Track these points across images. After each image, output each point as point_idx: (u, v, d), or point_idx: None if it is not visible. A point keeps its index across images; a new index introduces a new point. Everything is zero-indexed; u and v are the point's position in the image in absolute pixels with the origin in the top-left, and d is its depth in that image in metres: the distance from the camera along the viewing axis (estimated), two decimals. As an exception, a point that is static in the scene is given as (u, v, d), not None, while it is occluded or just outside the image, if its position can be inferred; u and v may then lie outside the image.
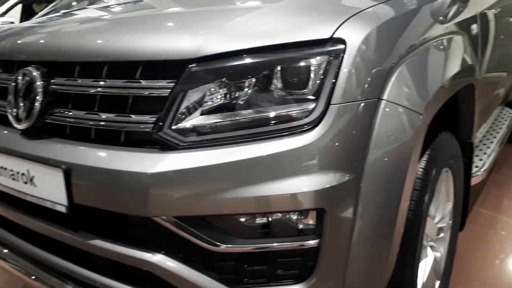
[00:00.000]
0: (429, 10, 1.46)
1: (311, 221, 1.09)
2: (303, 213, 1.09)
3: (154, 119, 1.09)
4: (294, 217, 1.09)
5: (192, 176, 1.03)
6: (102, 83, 1.18)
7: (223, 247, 1.06)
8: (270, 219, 1.08)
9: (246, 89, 1.08)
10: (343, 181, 1.06)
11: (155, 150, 1.08)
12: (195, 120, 1.08)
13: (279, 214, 1.08)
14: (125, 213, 1.10)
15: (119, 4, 1.89)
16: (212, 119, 1.07)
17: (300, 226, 1.09)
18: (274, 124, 1.06)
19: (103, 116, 1.16)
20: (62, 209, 1.16)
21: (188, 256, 1.09)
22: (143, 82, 1.12)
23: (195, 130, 1.07)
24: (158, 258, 1.09)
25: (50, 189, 1.18)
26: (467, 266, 1.95)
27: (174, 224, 1.06)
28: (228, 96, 1.08)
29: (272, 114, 1.07)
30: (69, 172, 1.13)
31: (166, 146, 1.07)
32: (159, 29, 1.30)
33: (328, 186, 1.05)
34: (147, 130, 1.09)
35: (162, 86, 1.09)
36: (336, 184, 1.05)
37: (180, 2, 1.73)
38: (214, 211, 1.05)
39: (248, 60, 1.08)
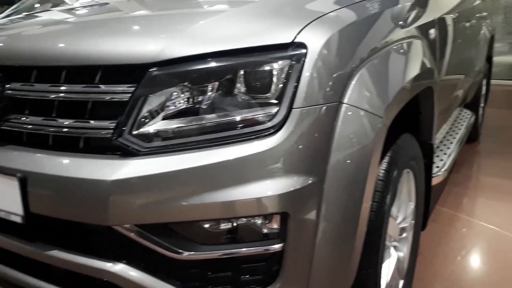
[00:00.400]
0: (390, 15, 1.50)
1: (275, 225, 1.09)
2: (268, 217, 1.09)
3: (114, 124, 1.06)
4: (259, 221, 1.09)
5: (154, 182, 1.02)
6: (60, 88, 1.15)
7: (186, 255, 1.04)
8: (234, 224, 1.08)
9: (209, 93, 1.08)
10: (307, 184, 1.07)
11: (116, 156, 1.06)
12: (157, 125, 1.06)
13: (244, 219, 1.08)
14: (84, 222, 1.07)
15: (83, 7, 1.84)
16: (174, 124, 1.06)
17: (265, 231, 1.09)
18: (238, 128, 1.06)
19: (61, 122, 1.13)
20: (18, 219, 1.12)
21: (151, 264, 1.07)
22: (103, 87, 1.09)
23: (157, 135, 1.06)
24: (119, 268, 1.07)
25: (4, 198, 1.14)
26: (430, 263, 2.00)
27: (135, 233, 1.04)
28: (191, 100, 1.07)
29: (235, 118, 1.07)
30: (25, 181, 1.09)
31: (127, 152, 1.05)
32: (120, 32, 1.28)
33: (292, 189, 1.05)
34: (107, 136, 1.06)
35: (122, 91, 1.07)
36: (299, 187, 1.06)
37: (146, 6, 1.70)
38: (177, 218, 1.03)
39: (211, 64, 1.08)
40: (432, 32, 1.78)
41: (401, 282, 1.62)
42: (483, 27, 3.25)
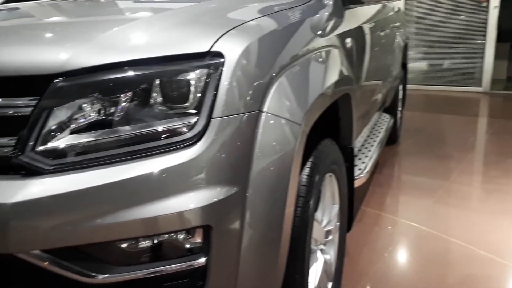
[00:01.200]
0: (309, 25, 1.53)
1: (198, 239, 1.06)
2: (190, 231, 1.05)
3: (14, 141, 0.97)
4: (181, 236, 1.05)
5: (62, 203, 0.94)
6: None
7: (100, 278, 0.98)
8: (155, 241, 1.03)
9: (122, 104, 1.02)
10: (229, 194, 1.05)
11: (18, 176, 0.97)
12: (64, 140, 0.99)
13: (165, 236, 1.03)
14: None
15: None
16: (84, 138, 0.99)
17: (188, 246, 1.06)
18: (155, 140, 1.02)
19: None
20: None
21: (62, 291, 0.99)
22: (1, 101, 1.00)
23: (64, 151, 0.98)
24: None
25: None
26: (357, 263, 2.07)
27: (41, 259, 0.95)
28: (102, 112, 1.01)
29: (152, 129, 1.02)
30: None
31: (30, 171, 0.96)
32: (23, 41, 1.18)
33: (215, 200, 1.03)
34: (7, 154, 0.97)
35: (23, 104, 0.98)
36: (222, 197, 1.04)
37: (59, 12, 1.61)
38: (89, 239, 0.96)
39: (123, 74, 1.03)
40: (349, 41, 1.85)
41: (330, 284, 1.65)
42: (397, 36, 3.46)
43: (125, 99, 1.02)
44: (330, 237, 1.64)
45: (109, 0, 1.86)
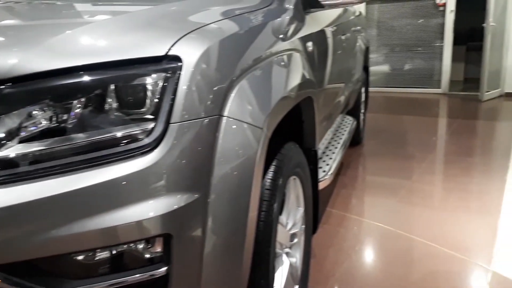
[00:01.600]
0: (270, 28, 1.53)
1: (159, 248, 1.03)
2: (150, 240, 1.02)
3: None
4: (141, 246, 1.02)
5: (12, 215, 0.89)
6: None
7: (54, 293, 0.93)
8: (113, 252, 0.99)
9: (75, 111, 0.98)
10: (190, 201, 1.03)
11: None
12: (13, 149, 0.94)
13: (124, 246, 1.00)
14: None
15: None
16: (35, 147, 0.95)
17: (148, 256, 1.03)
18: (111, 147, 0.98)
19: None
20: None
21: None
22: None
23: (13, 160, 0.93)
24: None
25: None
26: (323, 265, 2.08)
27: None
28: (54, 119, 0.97)
29: (108, 136, 0.99)
30: None
31: (-24, 183, 0.91)
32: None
33: (175, 207, 1.01)
34: None
35: None
36: (183, 205, 1.02)
37: (11, 15, 1.53)
38: (43, 253, 0.91)
39: (76, 79, 0.99)
40: (311, 44, 1.86)
41: (296, 287, 1.64)
42: (359, 40, 3.53)
43: (79, 105, 0.99)
44: (295, 240, 1.64)
45: (66, 3, 1.80)
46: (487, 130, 4.58)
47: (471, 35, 6.99)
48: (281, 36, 1.57)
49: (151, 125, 1.01)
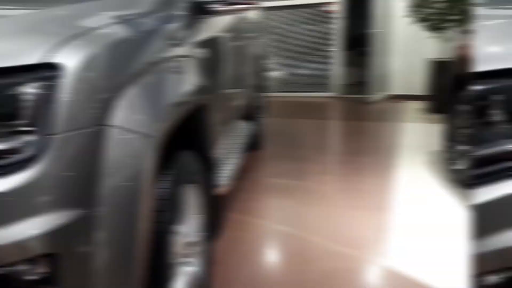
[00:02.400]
0: (160, 34, 1.51)
1: (44, 269, 0.97)
2: (34, 261, 0.95)
3: None
4: (24, 267, 0.95)
5: None
6: None
7: None
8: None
9: None
10: (76, 217, 0.98)
11: None
12: None
13: (5, 268, 0.94)
14: None
15: None
16: None
17: (33, 277, 0.96)
18: (-17, 163, 0.90)
19: None
20: None
21: None
22: None
23: None
24: None
25: None
26: (227, 270, 2.09)
27: None
28: None
29: (-23, 152, 0.90)
30: None
31: None
32: None
33: (58, 224, 0.95)
34: None
35: None
36: (68, 221, 0.97)
37: None
38: None
39: None
40: (203, 50, 1.87)
41: (199, 295, 1.63)
42: (254, 46, 3.63)
43: None
44: (195, 249, 1.63)
45: None
46: (375, 130, 4.97)
47: (363, 41, 7.52)
48: (172, 42, 1.56)
49: (28, 138, 0.95)
